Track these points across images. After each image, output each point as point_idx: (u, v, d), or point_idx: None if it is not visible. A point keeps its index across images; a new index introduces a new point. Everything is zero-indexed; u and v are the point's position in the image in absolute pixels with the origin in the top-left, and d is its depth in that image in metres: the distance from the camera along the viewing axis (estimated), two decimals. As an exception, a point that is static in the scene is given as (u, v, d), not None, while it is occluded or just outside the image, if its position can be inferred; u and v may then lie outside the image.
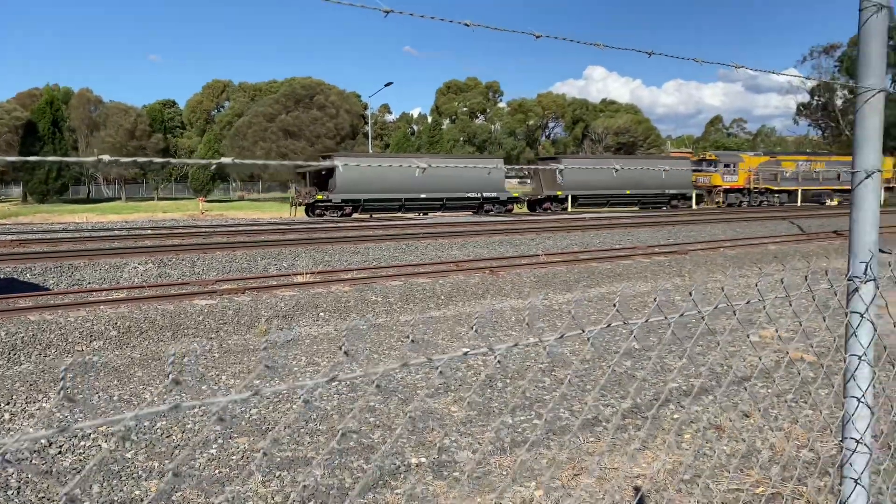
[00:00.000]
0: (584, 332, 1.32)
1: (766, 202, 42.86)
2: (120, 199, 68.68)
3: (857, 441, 1.28)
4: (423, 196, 34.73)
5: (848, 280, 1.27)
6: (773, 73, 1.50)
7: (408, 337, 8.35)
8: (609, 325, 1.25)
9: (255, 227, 24.63)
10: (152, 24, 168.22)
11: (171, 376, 0.96)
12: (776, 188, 43.51)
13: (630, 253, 16.81)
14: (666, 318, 1.43)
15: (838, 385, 5.37)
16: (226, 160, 1.13)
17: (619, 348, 7.59)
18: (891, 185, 49.74)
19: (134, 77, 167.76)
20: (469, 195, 35.79)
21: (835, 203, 43.15)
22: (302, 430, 5.16)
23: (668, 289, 11.86)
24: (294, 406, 5.70)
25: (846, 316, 1.26)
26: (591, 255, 16.41)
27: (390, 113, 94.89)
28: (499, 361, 1.11)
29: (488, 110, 77.85)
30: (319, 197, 33.12)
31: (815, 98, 75.54)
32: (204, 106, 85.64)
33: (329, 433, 5.10)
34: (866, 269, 1.25)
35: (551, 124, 79.87)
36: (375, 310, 10.20)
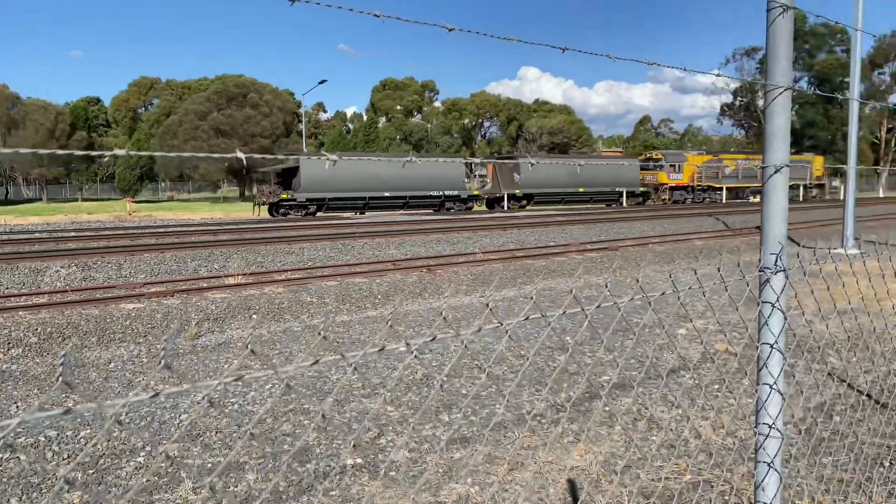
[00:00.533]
0: (501, 324, 1.33)
1: (708, 199, 44.90)
2: (41, 199, 65.78)
3: (770, 426, 1.33)
4: (386, 195, 35.17)
5: (759, 271, 1.32)
6: (681, 69, 1.54)
7: (343, 338, 8.27)
8: (527, 318, 1.26)
9: (186, 228, 23.98)
10: (72, 19, 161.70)
11: (60, 378, 0.91)
12: (718, 185, 45.66)
13: (564, 250, 17.10)
14: (583, 309, 1.45)
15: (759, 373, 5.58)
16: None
17: (552, 343, 7.71)
18: (821, 183, 52.64)
19: (55, 74, 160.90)
20: (431, 193, 36.49)
21: (756, 200, 45.18)
22: (234, 434, 5.05)
23: (599, 283, 12.10)
24: (226, 410, 5.58)
25: (759, 306, 1.31)
26: (527, 253, 16.61)
27: (325, 111, 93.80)
28: (416, 356, 1.11)
29: (424, 109, 77.90)
30: (284, 196, 33.21)
31: (738, 99, 78.54)
32: (130, 104, 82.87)
33: (263, 437, 5.01)
34: (776, 261, 1.29)
35: (486, 123, 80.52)
36: (310, 311, 10.07)
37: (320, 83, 52.57)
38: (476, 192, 39.86)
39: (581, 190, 41.48)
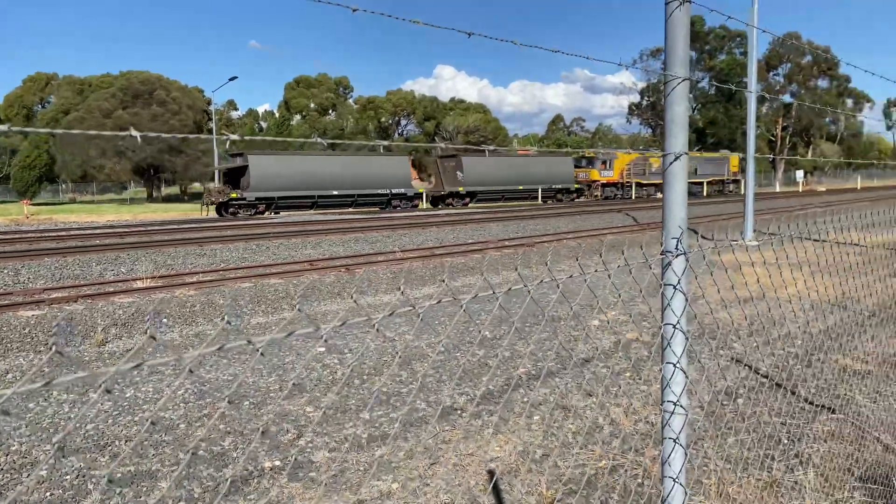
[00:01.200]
0: (413, 307, 1.33)
1: (628, 195, 47.19)
2: (-74, 203, 61.34)
3: (675, 403, 1.39)
4: (335, 193, 35.29)
5: (661, 255, 1.37)
6: (584, 57, 1.58)
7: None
8: (439, 301, 1.27)
9: (90, 231, 22.88)
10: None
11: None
12: (645, 182, 48.30)
13: (482, 247, 17.29)
14: (458, 300, 1.47)
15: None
16: (135, 133, 1.04)
17: (472, 339, 7.79)
18: (737, 178, 55.77)
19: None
20: (378, 192, 36.71)
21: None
22: (146, 443, 4.85)
23: (516, 278, 12.31)
24: (137, 417, 5.36)
25: (661, 288, 1.36)
26: (446, 251, 16.71)
27: (237, 109, 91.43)
28: (336, 357, 1.10)
29: (338, 107, 77.07)
30: (234, 195, 32.83)
31: (646, 98, 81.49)
32: (25, 101, 78.24)
33: (176, 444, 4.84)
34: (677, 245, 1.35)
35: (403, 121, 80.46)
36: (224, 313, 9.80)
37: (230, 80, 51.18)
38: (422, 190, 40.36)
39: (520, 187, 42.60)
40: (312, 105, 74.63)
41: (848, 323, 8.21)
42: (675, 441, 1.40)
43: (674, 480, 1.42)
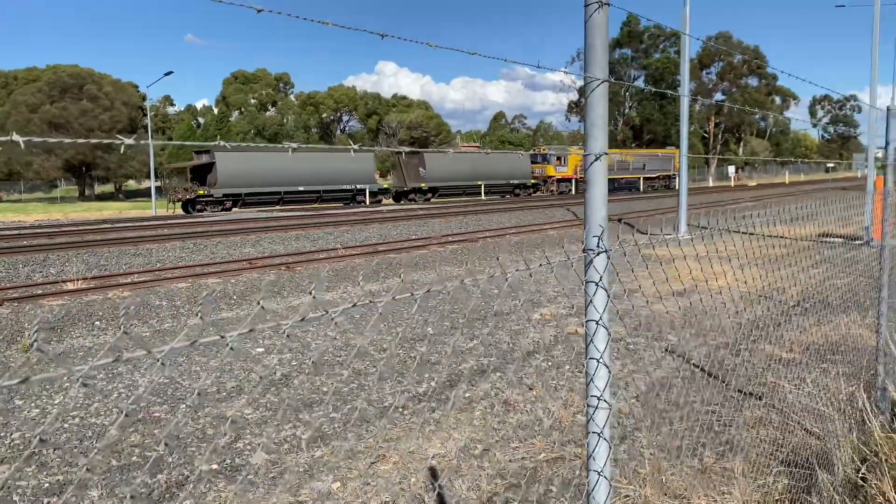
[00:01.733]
0: (354, 305, 1.33)
1: (583, 189, 47.80)
2: None
3: (599, 398, 1.43)
4: (301, 189, 35.64)
5: (584, 252, 1.40)
6: (501, 59, 1.60)
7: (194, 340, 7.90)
8: (394, 298, 1.27)
9: (16, 232, 21.94)
10: None
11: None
12: None
13: (426, 243, 17.30)
14: (394, 298, 1.48)
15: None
16: (17, 138, 0.98)
17: (416, 335, 7.80)
18: (672, 174, 57.70)
19: None
20: (344, 187, 37.33)
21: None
22: (75, 450, 4.70)
23: (460, 273, 12.36)
24: (66, 425, 5.17)
25: (584, 285, 1.40)
26: (390, 247, 16.66)
27: (173, 105, 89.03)
28: (231, 348, 1.08)
29: (279, 102, 75.86)
30: (201, 192, 32.92)
31: (583, 97, 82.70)
32: (-56, 94, 74.38)
33: (108, 450, 4.70)
34: (598, 242, 1.38)
35: (345, 118, 79.76)
36: (160, 315, 9.54)
37: (166, 75, 49.89)
38: (386, 186, 41.15)
39: (480, 183, 43.64)
40: (252, 101, 73.27)
41: (774, 313, 8.55)
42: (599, 435, 1.43)
43: (598, 474, 1.45)
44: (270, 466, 4.36)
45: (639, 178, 52.93)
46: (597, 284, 1.37)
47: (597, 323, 1.40)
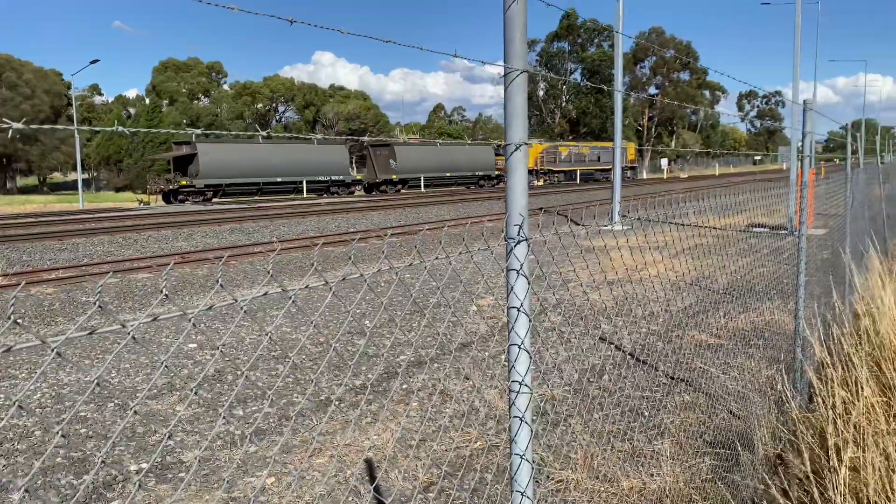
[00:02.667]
0: (285, 290, 1.31)
1: (548, 181, 50.35)
2: None
3: (520, 383, 1.45)
4: (279, 180, 36.62)
5: (505, 241, 1.42)
6: (417, 47, 1.61)
7: (123, 337, 7.65)
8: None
9: (-70, 226, 20.81)
10: None
11: None
12: (556, 169, 51.36)
13: (365, 236, 17.20)
14: (306, 287, 1.47)
15: (542, 342, 6.03)
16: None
17: (351, 328, 7.75)
18: (633, 166, 61.12)
19: None
20: (319, 178, 38.47)
21: (540, 183, 49.60)
22: (-5, 454, 4.50)
23: (398, 266, 12.33)
24: (-16, 428, 4.95)
25: (506, 273, 1.42)
26: (328, 240, 16.49)
27: (101, 94, 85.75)
28: (133, 338, 1.06)
29: (212, 92, 73.98)
30: (183, 182, 33.34)
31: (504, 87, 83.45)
32: None
33: (30, 452, 4.52)
34: (519, 231, 1.40)
35: (281, 108, 78.41)
36: (87, 311, 9.22)
37: (92, 63, 47.89)
38: (360, 178, 41.98)
39: (448, 174, 44.77)
40: (184, 90, 71.21)
41: (703, 300, 8.84)
42: (521, 419, 1.46)
43: (521, 457, 1.48)
44: (203, 463, 4.27)
45: (594, 170, 54.77)
46: (517, 272, 1.40)
47: (518, 310, 1.42)
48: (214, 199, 34.48)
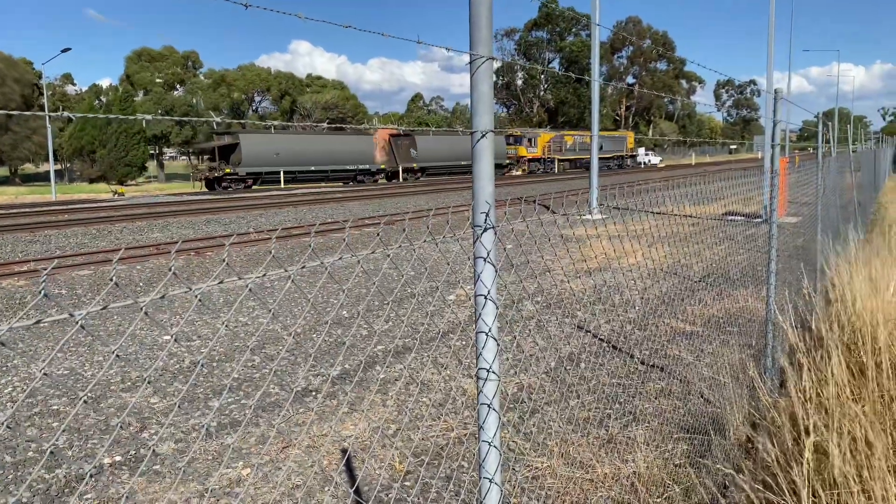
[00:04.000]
0: (261, 276, 1.30)
1: (553, 169, 52.27)
2: None
3: (488, 370, 1.45)
4: (312, 168, 38.74)
5: (472, 228, 1.42)
6: (381, 34, 1.59)
7: (100, 330, 7.58)
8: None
9: None
10: None
11: None
12: (561, 157, 53.40)
13: (342, 226, 17.11)
14: (265, 275, 1.46)
15: (519, 331, 6.05)
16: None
17: (329, 319, 7.73)
18: (634, 154, 64.06)
19: None
20: (348, 167, 40.59)
21: (518, 173, 50.10)
22: (-36, 449, 4.43)
23: (376, 257, 12.32)
24: (-46, 423, 4.87)
25: (473, 260, 1.42)
26: (304, 231, 16.39)
27: (73, 84, 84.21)
28: (81, 326, 1.04)
29: (187, 82, 73.01)
30: (228, 170, 35.21)
31: (500, 78, 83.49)
32: None
33: (0, 446, 4.45)
34: (486, 219, 1.40)
35: (258, 98, 77.61)
36: (60, 304, 9.09)
37: (63, 51, 46.99)
38: (383, 167, 43.54)
39: (462, 163, 46.33)
40: (158, 80, 70.17)
41: (679, 288, 8.92)
42: (489, 406, 1.46)
43: (489, 444, 1.48)
44: (178, 455, 4.24)
45: (597, 158, 55.39)
46: (485, 260, 1.39)
47: (485, 297, 1.42)
48: (254, 187, 36.52)
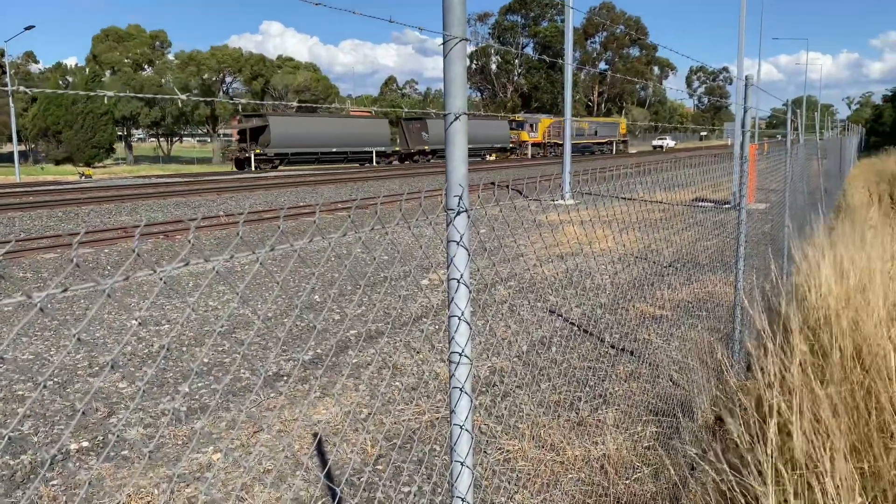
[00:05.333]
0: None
1: (551, 153, 53.94)
2: None
3: (460, 354, 1.45)
4: (334, 150, 40.82)
5: (446, 212, 1.41)
6: (350, 11, 1.57)
7: (67, 315, 7.44)
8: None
9: None
10: None
11: None
12: (560, 142, 54.79)
13: (314, 210, 16.98)
14: (232, 257, 1.44)
15: (492, 315, 6.06)
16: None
17: (300, 303, 7.68)
18: (626, 139, 66.36)
19: None
20: (365, 149, 42.50)
21: (493, 158, 50.44)
22: (-75, 436, 4.34)
23: (348, 241, 12.25)
24: (-86, 409, 4.76)
25: (446, 244, 1.41)
26: (276, 214, 16.24)
27: (37, 62, 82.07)
28: (41, 309, 1.01)
29: (156, 62, 71.61)
30: (257, 151, 37.33)
31: (474, 62, 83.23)
32: None
33: (-36, 433, 4.37)
34: (459, 202, 1.39)
35: (228, 79, 76.39)
36: (25, 287, 8.91)
37: (26, 29, 45.75)
38: (398, 149, 45.54)
39: (470, 146, 46.81)
40: (126, 60, 68.64)
41: (649, 273, 9.02)
42: (461, 390, 1.46)
43: (461, 427, 1.49)
44: (147, 440, 4.20)
45: (592, 143, 59.02)
46: (458, 243, 1.39)
47: (458, 281, 1.42)
48: (280, 167, 38.46)
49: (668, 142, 79.45)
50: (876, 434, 2.89)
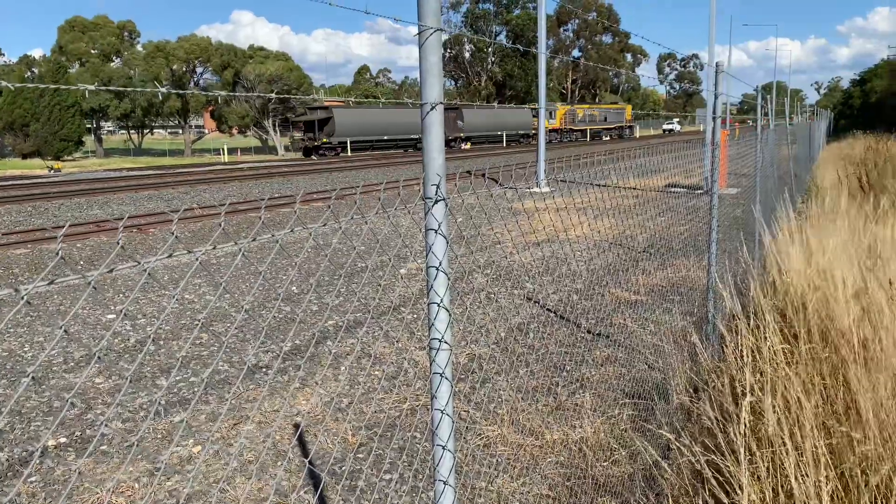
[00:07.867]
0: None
1: (567, 139, 57.63)
2: None
3: (440, 340, 1.48)
4: (385, 138, 44.66)
5: (423, 201, 1.43)
6: (326, 2, 1.58)
7: (40, 310, 7.35)
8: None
9: None
10: None
11: None
12: (574, 128, 59.23)
13: (289, 201, 16.88)
14: (214, 247, 1.46)
15: (470, 303, 6.10)
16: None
17: (278, 295, 7.66)
18: (631, 125, 69.48)
19: None
20: (411, 136, 45.81)
21: (467, 147, 50.77)
22: None
23: (325, 232, 12.20)
24: None
25: (424, 232, 1.44)
26: (251, 206, 16.12)
27: (2, 54, 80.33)
28: (28, 303, 1.01)
29: (124, 53, 70.36)
30: (324, 140, 41.41)
31: (448, 51, 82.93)
32: None
33: (-62, 432, 4.31)
34: (436, 191, 1.42)
35: (199, 69, 75.32)
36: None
37: (-10, 19, 44.64)
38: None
39: (498, 132, 53.29)
40: (94, 51, 67.32)
41: (624, 259, 9.13)
42: (441, 375, 1.49)
43: (441, 412, 1.52)
44: (126, 435, 4.18)
45: (602, 129, 62.78)
46: (436, 232, 1.41)
47: (437, 269, 1.44)
48: (342, 154, 42.13)
49: (675, 126, 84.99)
50: (843, 411, 2.98)
